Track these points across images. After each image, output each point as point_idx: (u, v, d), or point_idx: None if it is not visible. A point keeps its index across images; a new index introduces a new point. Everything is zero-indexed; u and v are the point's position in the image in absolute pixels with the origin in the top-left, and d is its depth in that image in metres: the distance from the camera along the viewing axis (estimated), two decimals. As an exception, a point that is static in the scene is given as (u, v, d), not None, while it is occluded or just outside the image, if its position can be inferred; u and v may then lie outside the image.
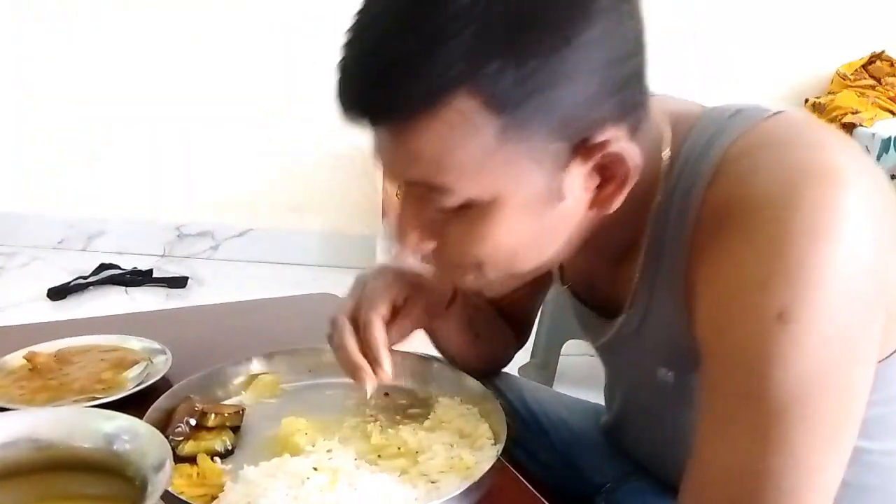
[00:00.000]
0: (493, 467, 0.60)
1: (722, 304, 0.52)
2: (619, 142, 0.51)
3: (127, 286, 2.60)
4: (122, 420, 0.45)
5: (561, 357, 1.99)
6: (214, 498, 0.57)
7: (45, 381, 0.76)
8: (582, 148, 0.51)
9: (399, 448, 0.64)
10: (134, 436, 0.44)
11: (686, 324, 0.58)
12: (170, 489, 0.55)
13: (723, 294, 0.52)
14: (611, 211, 0.55)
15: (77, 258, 2.80)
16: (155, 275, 2.67)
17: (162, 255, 2.91)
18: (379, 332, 0.65)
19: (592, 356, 0.82)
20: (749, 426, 0.50)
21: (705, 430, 0.53)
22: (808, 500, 0.50)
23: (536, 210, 0.53)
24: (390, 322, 0.67)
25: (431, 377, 0.77)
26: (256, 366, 0.77)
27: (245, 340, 0.86)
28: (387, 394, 0.74)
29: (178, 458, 0.62)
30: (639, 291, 0.63)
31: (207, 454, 0.63)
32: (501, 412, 0.68)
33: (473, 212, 0.52)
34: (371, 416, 0.70)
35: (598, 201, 0.55)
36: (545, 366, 1.95)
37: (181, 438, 0.64)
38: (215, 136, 2.80)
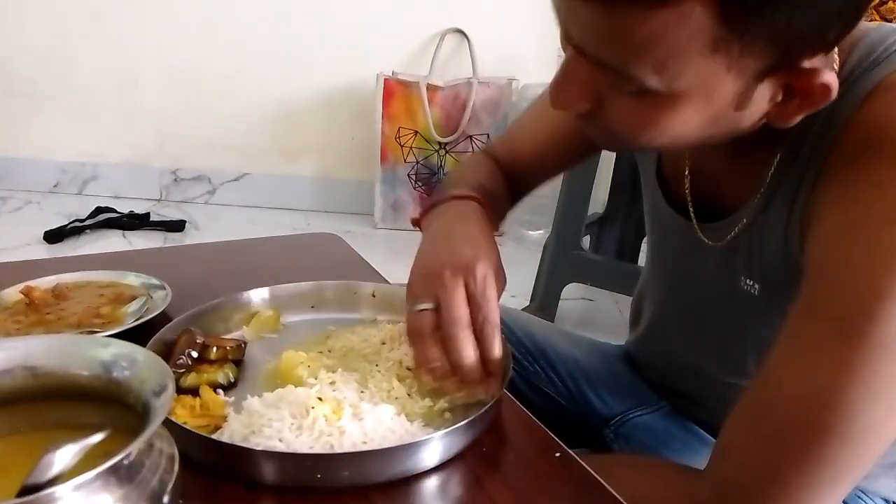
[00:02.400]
0: (497, 399, 0.60)
1: (847, 229, 0.51)
2: (824, 71, 0.49)
3: (124, 230, 2.58)
4: (120, 346, 0.44)
5: (560, 301, 2.00)
6: (218, 428, 0.57)
7: (42, 316, 0.74)
8: (787, 68, 0.49)
9: (403, 380, 0.63)
10: (132, 362, 0.43)
11: (793, 240, 0.58)
12: (172, 419, 0.54)
13: (851, 220, 0.51)
14: (785, 126, 0.54)
15: (72, 202, 2.77)
16: (152, 219, 2.65)
17: (158, 200, 2.89)
18: (499, 345, 0.60)
19: (591, 300, 0.82)
20: (838, 356, 0.49)
21: (786, 351, 0.53)
22: (874, 442, 0.50)
23: (714, 112, 0.52)
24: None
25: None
26: (257, 301, 0.76)
27: (245, 277, 0.84)
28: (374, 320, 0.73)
29: (180, 391, 0.61)
30: (757, 195, 0.62)
31: (210, 386, 0.62)
32: (507, 345, 0.66)
33: (650, 99, 0.51)
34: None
35: (775, 115, 0.53)
36: (544, 308, 1.95)
37: (182, 370, 0.63)
38: (211, 79, 2.75)
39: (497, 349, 0.60)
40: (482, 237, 0.67)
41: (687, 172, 0.71)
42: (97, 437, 0.35)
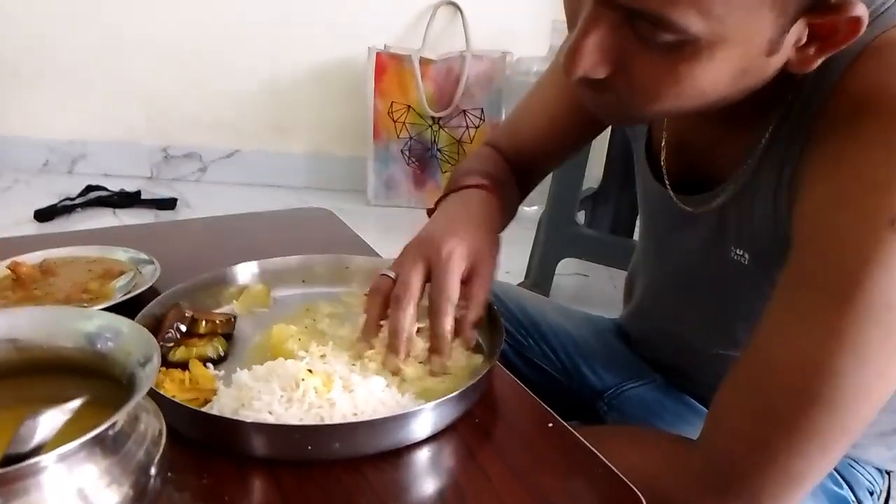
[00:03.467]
0: (489, 371, 0.59)
1: (834, 196, 0.50)
2: (855, 4, 0.47)
3: (115, 208, 2.56)
4: (104, 318, 0.43)
5: (555, 276, 2.00)
6: (207, 402, 0.56)
7: (29, 292, 0.73)
8: (822, 4, 0.47)
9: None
10: (116, 334, 0.42)
11: (782, 208, 0.57)
12: (161, 392, 0.53)
13: (838, 187, 0.50)
14: (804, 72, 0.52)
15: (62, 181, 2.75)
16: (143, 197, 2.63)
17: (149, 178, 2.86)
18: (448, 323, 0.61)
19: (586, 275, 0.82)
20: (826, 323, 0.49)
21: (775, 320, 0.53)
22: (863, 408, 0.50)
23: (748, 59, 0.49)
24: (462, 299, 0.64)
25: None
26: (246, 275, 0.75)
27: (235, 252, 0.83)
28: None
29: (169, 365, 0.61)
30: (744, 164, 0.61)
31: (199, 360, 0.61)
32: (499, 318, 0.66)
33: (686, 50, 0.48)
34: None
35: (796, 61, 0.51)
36: (539, 284, 1.95)
37: (171, 345, 0.62)
38: (201, 55, 2.71)
39: (444, 326, 0.61)
40: (470, 221, 0.68)
41: (664, 144, 0.70)
42: (76, 403, 0.35)
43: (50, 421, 0.34)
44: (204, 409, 0.54)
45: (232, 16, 2.66)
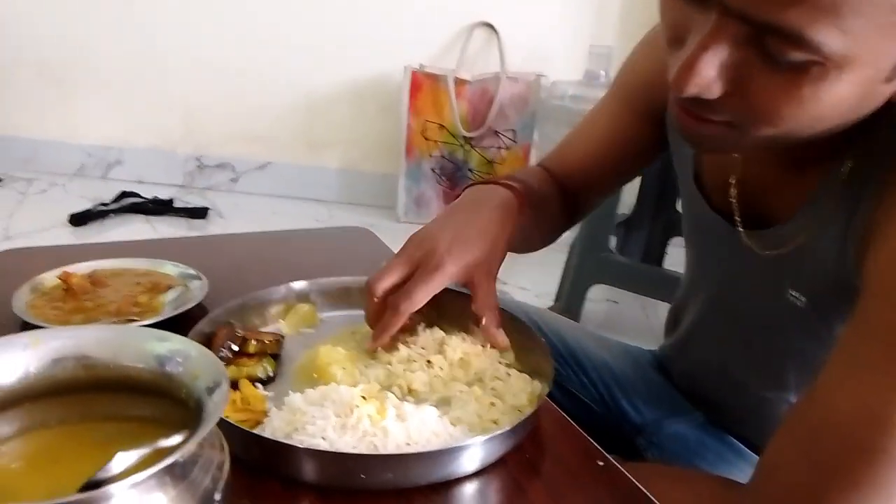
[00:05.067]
0: (539, 406, 0.59)
1: None
2: None
3: (148, 215, 2.59)
4: (174, 341, 0.43)
5: (584, 301, 1.98)
6: (258, 423, 0.56)
7: (80, 303, 0.74)
8: None
9: (444, 384, 0.62)
10: (186, 357, 0.42)
11: (849, 255, 0.56)
12: (216, 414, 0.53)
13: None
14: None
15: (96, 186, 2.79)
16: (175, 205, 2.66)
17: (181, 186, 2.90)
18: (397, 322, 0.65)
19: (616, 302, 0.81)
20: (892, 377, 0.48)
21: (838, 370, 0.51)
22: None
23: (870, 84, 0.48)
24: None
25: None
26: (294, 294, 0.76)
27: (278, 269, 0.84)
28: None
29: (219, 384, 0.61)
30: (811, 206, 0.60)
31: (249, 380, 0.62)
32: (547, 349, 0.66)
33: (813, 70, 0.46)
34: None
35: None
36: (569, 309, 1.94)
37: (223, 363, 0.62)
38: (238, 68, 2.75)
39: (393, 327, 0.65)
40: (478, 227, 0.68)
41: (734, 180, 0.69)
42: (168, 442, 0.35)
43: (136, 456, 0.34)
44: (256, 432, 0.54)
45: (270, 30, 2.69)
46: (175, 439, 0.35)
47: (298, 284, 0.76)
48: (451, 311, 0.71)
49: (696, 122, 0.53)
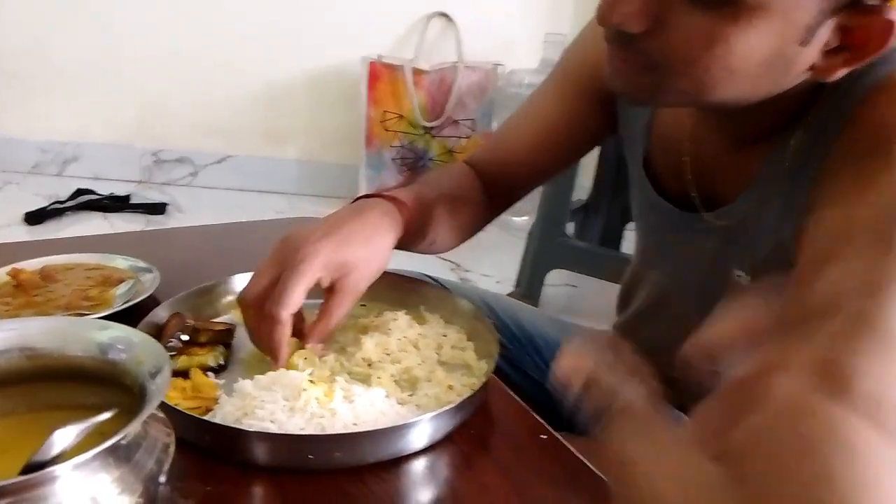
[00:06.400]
0: (485, 384, 0.61)
1: (844, 227, 0.49)
2: (891, 8, 0.48)
3: (105, 211, 2.56)
4: (116, 329, 0.44)
5: (544, 287, 2.01)
6: (209, 410, 0.57)
7: (30, 298, 0.74)
8: (861, 3, 0.48)
9: (392, 364, 0.64)
10: (129, 344, 0.44)
11: (787, 230, 0.57)
12: (164, 400, 0.54)
13: (848, 217, 0.49)
14: (825, 80, 0.52)
15: (52, 183, 2.74)
16: (133, 201, 2.63)
17: (139, 182, 2.86)
18: (277, 332, 0.61)
19: (575, 286, 0.82)
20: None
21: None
22: None
23: (782, 41, 0.49)
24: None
25: (420, 297, 0.76)
26: (244, 284, 0.76)
27: (231, 261, 0.84)
28: (363, 304, 0.74)
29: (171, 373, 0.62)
30: (757, 184, 0.61)
31: (200, 369, 0.62)
32: (493, 331, 0.68)
33: (723, 11, 0.48)
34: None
35: (821, 68, 0.52)
36: (529, 294, 1.97)
37: (173, 353, 0.63)
38: (195, 60, 2.71)
39: (269, 333, 0.61)
40: (351, 231, 0.65)
41: (687, 159, 0.70)
42: (103, 417, 0.36)
43: (73, 432, 0.35)
44: (207, 418, 0.55)
45: (227, 22, 2.67)
46: (110, 414, 0.36)
47: (249, 275, 0.76)
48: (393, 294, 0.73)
49: (622, 64, 0.55)
